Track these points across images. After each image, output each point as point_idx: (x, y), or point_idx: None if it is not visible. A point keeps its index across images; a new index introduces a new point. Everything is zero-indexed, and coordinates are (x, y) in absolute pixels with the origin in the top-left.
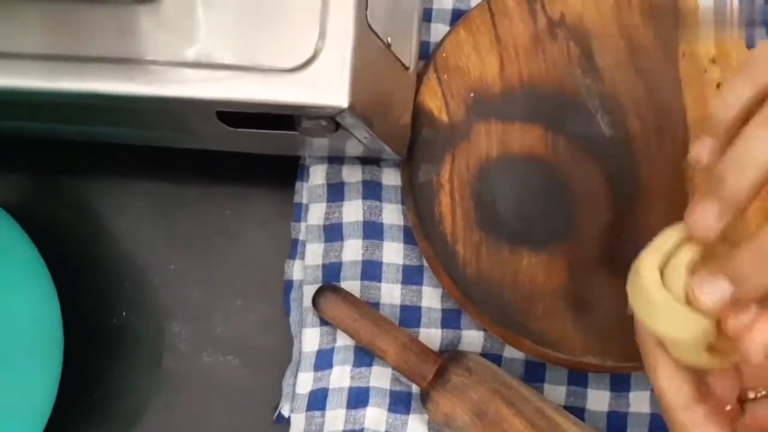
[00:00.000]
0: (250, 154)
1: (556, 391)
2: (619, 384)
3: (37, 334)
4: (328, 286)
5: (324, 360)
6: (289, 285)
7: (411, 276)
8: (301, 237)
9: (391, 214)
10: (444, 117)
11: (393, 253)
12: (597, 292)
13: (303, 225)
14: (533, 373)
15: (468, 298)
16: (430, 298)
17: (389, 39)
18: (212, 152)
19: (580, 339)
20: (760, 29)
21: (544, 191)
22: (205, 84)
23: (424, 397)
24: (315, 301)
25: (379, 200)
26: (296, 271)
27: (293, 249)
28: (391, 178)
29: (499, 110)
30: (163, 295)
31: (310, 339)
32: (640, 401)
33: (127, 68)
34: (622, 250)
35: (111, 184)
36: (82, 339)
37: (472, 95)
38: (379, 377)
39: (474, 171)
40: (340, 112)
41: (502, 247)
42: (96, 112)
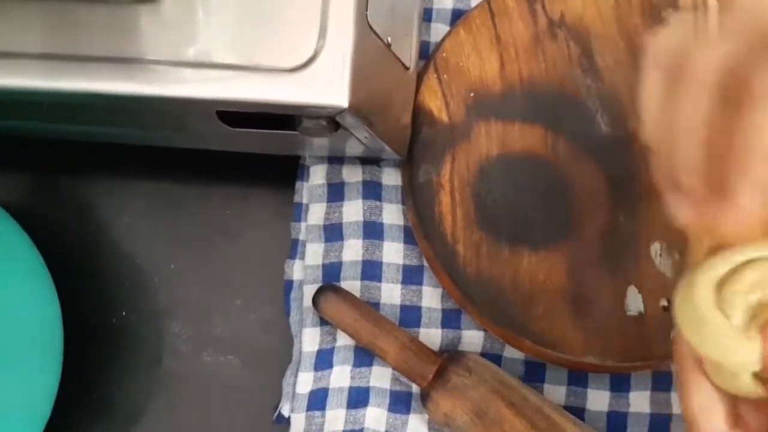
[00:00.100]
0: (250, 154)
1: (556, 391)
2: (619, 384)
3: (37, 334)
4: (328, 286)
5: (324, 360)
6: (289, 285)
7: (411, 276)
8: (301, 237)
9: (391, 214)
10: (444, 117)
11: (393, 253)
12: (597, 292)
13: (303, 225)
14: (533, 373)
15: (468, 298)
16: (430, 298)
17: (389, 39)
18: (212, 152)
19: (580, 339)
20: None
21: (544, 191)
22: (206, 84)
23: (424, 397)
24: (315, 301)
25: (379, 200)
26: (296, 271)
27: (293, 249)
28: (391, 178)
29: (499, 110)
30: (163, 295)
31: (310, 339)
32: (640, 401)
33: (127, 68)
34: (622, 250)
35: (111, 184)
36: (82, 339)
37: (472, 95)
38: (379, 377)
39: (474, 171)
40: (340, 112)
41: (502, 247)
42: (96, 112)
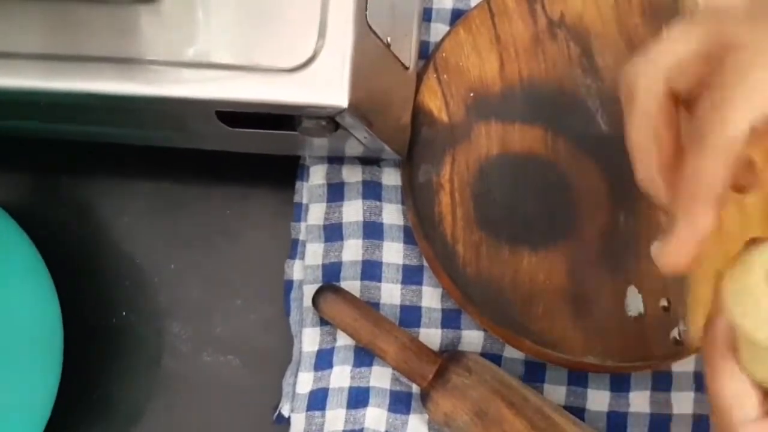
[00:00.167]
0: (250, 154)
1: (556, 391)
2: (619, 384)
3: (37, 334)
4: (328, 286)
5: (324, 360)
6: (289, 285)
7: (411, 276)
8: (301, 237)
9: (391, 214)
10: (444, 117)
11: (393, 253)
12: (597, 292)
13: (303, 225)
14: (533, 373)
15: (468, 298)
16: (430, 298)
17: (389, 39)
18: (212, 152)
19: (580, 339)
20: None
21: (544, 191)
22: (205, 84)
23: (424, 397)
24: (315, 301)
25: (379, 200)
26: (296, 271)
27: (293, 249)
28: (391, 178)
29: (499, 110)
30: (163, 295)
31: (310, 339)
32: (640, 401)
33: (127, 68)
34: (623, 250)
35: (111, 184)
36: (82, 339)
37: (472, 95)
38: (379, 377)
39: (474, 171)
40: (340, 112)
41: (502, 247)
42: (96, 112)
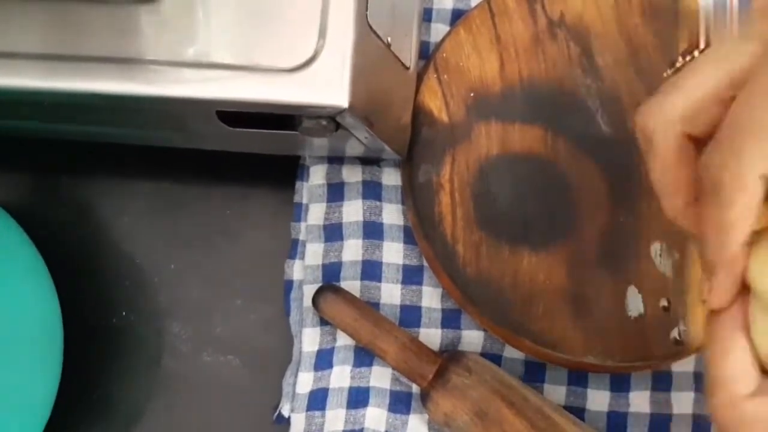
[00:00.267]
0: (250, 154)
1: (556, 391)
2: (619, 384)
3: (37, 334)
4: (328, 286)
5: (324, 360)
6: (289, 285)
7: (411, 276)
8: (301, 237)
9: (391, 214)
10: (444, 117)
11: (393, 253)
12: (597, 292)
13: (303, 225)
14: (533, 373)
15: (468, 298)
16: (430, 298)
17: (389, 39)
18: (212, 152)
19: (580, 339)
20: None
21: (545, 191)
22: (205, 84)
23: (424, 397)
24: (315, 301)
25: (379, 200)
26: (296, 271)
27: (293, 249)
28: (391, 178)
29: (499, 110)
30: (163, 295)
31: (310, 339)
32: (640, 401)
33: (127, 68)
34: (622, 250)
35: (111, 184)
36: (82, 339)
37: (472, 95)
38: (379, 377)
39: (474, 171)
40: (340, 112)
41: (502, 247)
42: (96, 112)
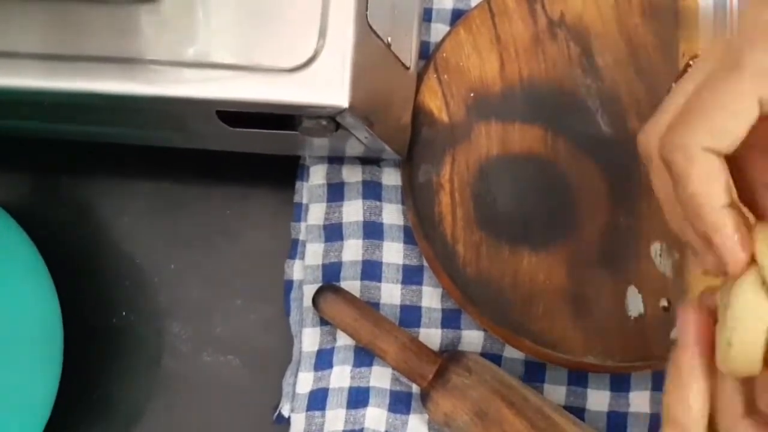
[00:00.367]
0: (250, 154)
1: (556, 391)
2: (619, 384)
3: (37, 334)
4: (328, 286)
5: (324, 360)
6: (289, 285)
7: (411, 276)
8: (301, 237)
9: (391, 214)
10: (444, 117)
11: (393, 253)
12: (597, 292)
13: (303, 225)
14: (533, 373)
15: (468, 298)
16: (430, 298)
17: (389, 39)
18: (212, 152)
19: (580, 339)
20: None
21: (545, 191)
22: (205, 84)
23: (424, 397)
24: (315, 301)
25: (379, 200)
26: (296, 271)
27: (293, 249)
28: (391, 178)
29: (499, 110)
30: (163, 295)
31: (310, 339)
32: (640, 401)
33: (127, 68)
34: (622, 250)
35: (111, 184)
36: (82, 339)
37: (472, 95)
38: (379, 377)
39: (474, 171)
40: (340, 111)
41: (502, 247)
42: (96, 112)
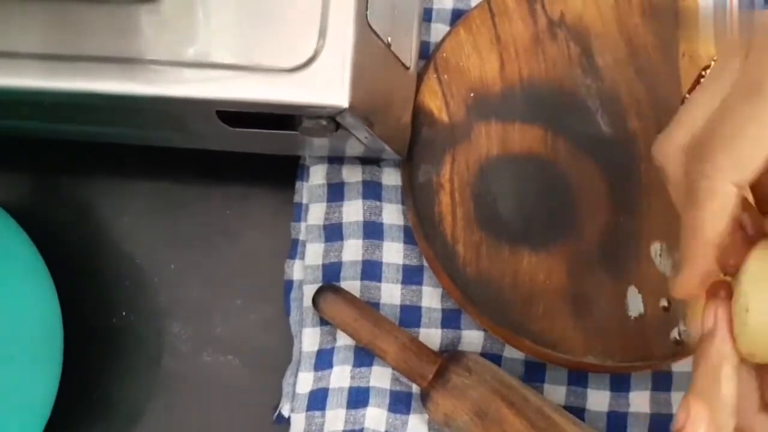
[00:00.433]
0: (250, 154)
1: (556, 391)
2: (619, 384)
3: (37, 334)
4: (328, 286)
5: (324, 360)
6: (289, 285)
7: (411, 276)
8: (301, 237)
9: (391, 214)
10: (444, 117)
11: (393, 253)
12: (597, 292)
13: (303, 225)
14: (533, 373)
15: (468, 298)
16: (430, 298)
17: (389, 39)
18: (212, 152)
19: (580, 339)
20: None
21: (545, 191)
22: (205, 84)
23: (424, 397)
24: (315, 301)
25: (379, 200)
26: (296, 271)
27: (293, 249)
28: (391, 178)
29: (499, 110)
30: (163, 295)
31: (310, 339)
32: (640, 401)
33: (127, 68)
34: (623, 250)
35: (111, 184)
36: (82, 339)
37: (472, 95)
38: (379, 377)
39: (474, 171)
40: (340, 111)
41: (502, 247)
42: (96, 112)
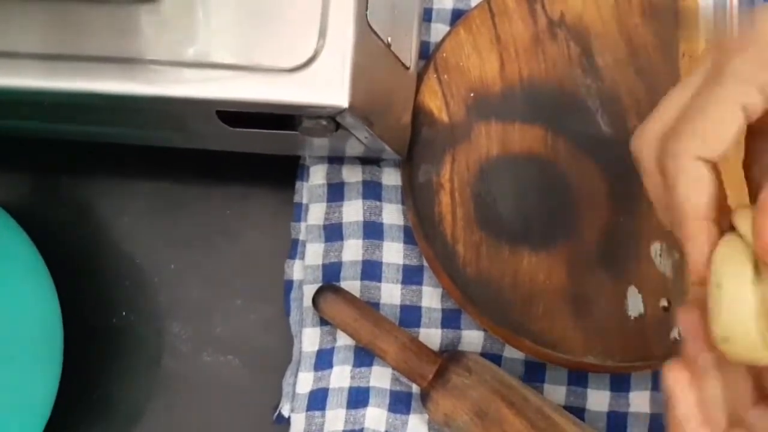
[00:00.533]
0: (250, 154)
1: (556, 391)
2: (619, 384)
3: (37, 334)
4: (328, 286)
5: (324, 360)
6: (289, 285)
7: (411, 276)
8: (301, 237)
9: (391, 214)
10: (444, 117)
11: (393, 253)
12: (597, 292)
13: (303, 225)
14: (533, 373)
15: (468, 298)
16: (430, 298)
17: (389, 39)
18: (212, 152)
19: (580, 339)
20: None
21: (545, 191)
22: (205, 84)
23: (424, 397)
24: (315, 301)
25: (379, 200)
26: (296, 271)
27: (293, 249)
28: (391, 178)
29: (499, 110)
30: (163, 295)
31: (310, 339)
32: (640, 401)
33: (127, 68)
34: (623, 250)
35: (111, 184)
36: (82, 339)
37: (472, 95)
38: (379, 377)
39: (474, 171)
40: (340, 111)
41: (502, 247)
42: (96, 112)
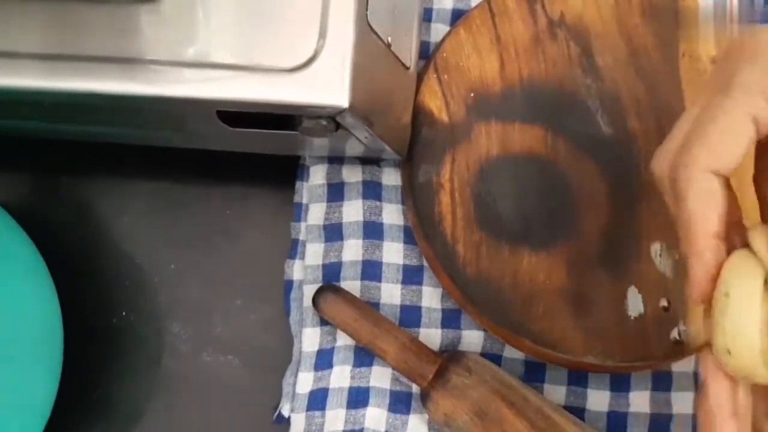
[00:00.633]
0: (250, 154)
1: (556, 391)
2: (619, 384)
3: (37, 334)
4: (328, 286)
5: (324, 360)
6: (289, 285)
7: (411, 276)
8: (301, 237)
9: (391, 214)
10: (444, 117)
11: (393, 253)
12: (597, 292)
13: (303, 225)
14: (533, 373)
15: (468, 298)
16: (430, 298)
17: (389, 39)
18: (212, 152)
19: (580, 339)
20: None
21: (545, 191)
22: (205, 84)
23: (425, 397)
24: (315, 301)
25: (379, 200)
26: (296, 271)
27: (293, 249)
28: (391, 178)
29: (499, 110)
30: (163, 295)
31: (310, 339)
32: (640, 401)
33: (127, 68)
34: (623, 250)
35: (111, 184)
36: (82, 339)
37: (472, 95)
38: (379, 377)
39: (474, 171)
40: (340, 111)
41: (502, 247)
42: (96, 112)
